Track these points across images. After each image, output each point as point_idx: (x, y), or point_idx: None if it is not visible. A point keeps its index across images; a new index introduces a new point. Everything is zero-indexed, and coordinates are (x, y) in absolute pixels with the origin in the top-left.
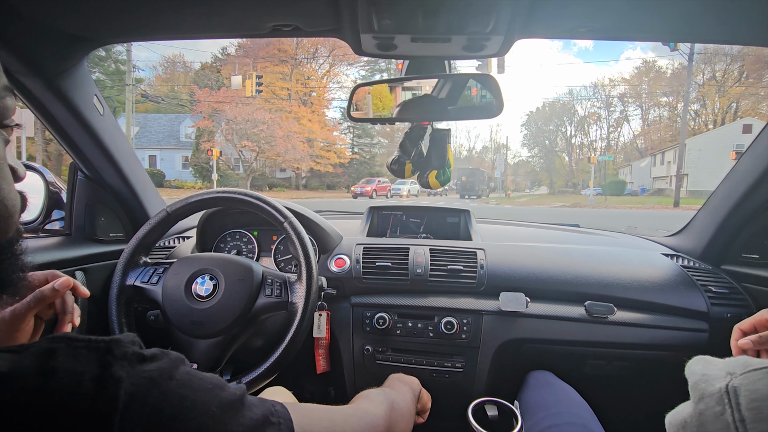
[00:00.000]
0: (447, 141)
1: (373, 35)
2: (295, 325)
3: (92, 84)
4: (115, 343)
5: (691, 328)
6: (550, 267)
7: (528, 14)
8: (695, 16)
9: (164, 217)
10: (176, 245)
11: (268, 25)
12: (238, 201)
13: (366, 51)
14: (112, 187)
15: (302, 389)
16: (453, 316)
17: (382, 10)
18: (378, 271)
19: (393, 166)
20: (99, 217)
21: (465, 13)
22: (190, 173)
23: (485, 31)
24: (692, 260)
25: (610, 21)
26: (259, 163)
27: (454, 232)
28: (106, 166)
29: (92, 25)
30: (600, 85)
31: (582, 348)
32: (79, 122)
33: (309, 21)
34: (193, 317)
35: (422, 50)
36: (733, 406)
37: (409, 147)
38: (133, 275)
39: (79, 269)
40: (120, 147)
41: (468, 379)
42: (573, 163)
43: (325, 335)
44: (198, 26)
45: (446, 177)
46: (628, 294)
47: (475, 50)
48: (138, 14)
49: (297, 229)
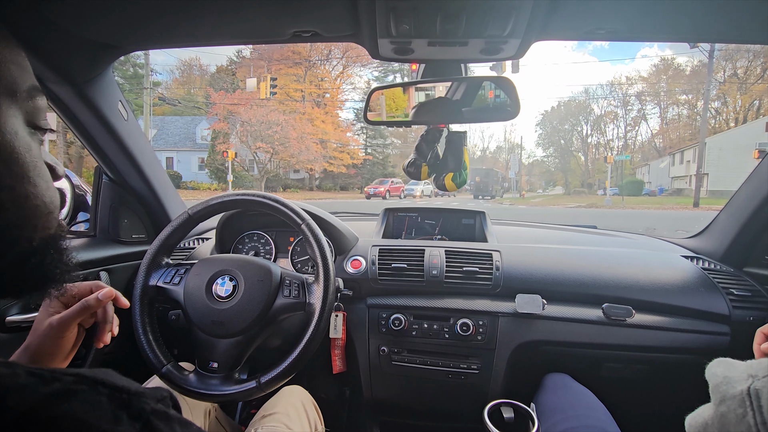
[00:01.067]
0: (463, 143)
1: (391, 40)
2: (312, 325)
3: (117, 90)
4: (137, 397)
5: (712, 332)
6: (567, 269)
7: (546, 16)
8: (716, 16)
9: (186, 219)
10: (196, 246)
11: (289, 31)
12: (257, 203)
13: (383, 55)
14: (135, 189)
15: (318, 389)
16: (469, 317)
17: (401, 15)
18: (394, 272)
19: (409, 169)
20: (122, 219)
21: (484, 17)
22: (206, 175)
23: (503, 35)
24: (713, 262)
25: (629, 22)
26: (273, 164)
27: (469, 234)
28: (129, 170)
29: (120, 33)
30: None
31: (599, 351)
32: (104, 127)
33: (328, 26)
34: (213, 317)
35: (439, 54)
36: (755, 408)
37: (425, 149)
38: (155, 276)
39: (104, 269)
40: (143, 151)
41: (484, 380)
42: (589, 162)
43: (341, 336)
44: (220, 33)
45: (462, 179)
46: (647, 296)
47: (492, 53)
48: (163, 22)
49: (314, 230)
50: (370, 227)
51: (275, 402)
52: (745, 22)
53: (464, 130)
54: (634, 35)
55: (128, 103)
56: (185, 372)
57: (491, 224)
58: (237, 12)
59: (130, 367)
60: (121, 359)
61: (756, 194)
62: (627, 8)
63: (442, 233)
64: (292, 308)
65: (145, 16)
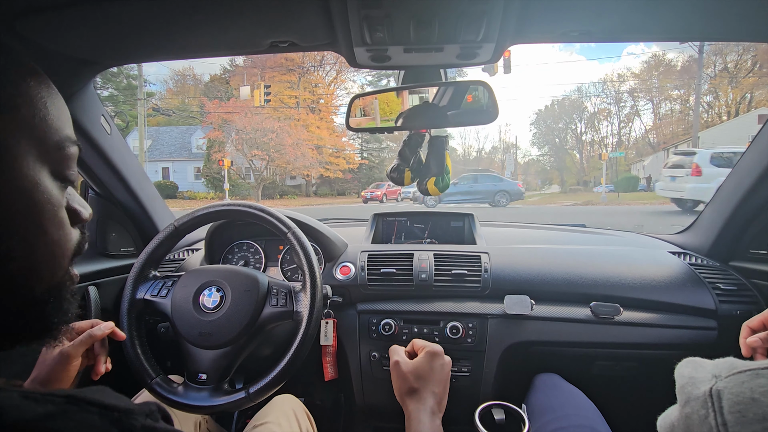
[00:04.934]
0: (445, 147)
1: (367, 48)
2: (300, 333)
3: (99, 105)
4: (126, 414)
5: (699, 327)
6: (555, 269)
7: (518, 20)
8: (690, 14)
9: (172, 231)
10: (186, 257)
11: (266, 42)
12: (243, 213)
13: (360, 63)
14: (121, 203)
15: (312, 396)
16: (458, 320)
17: (375, 24)
18: (383, 277)
19: (393, 174)
20: (110, 232)
21: (456, 23)
22: (203, 184)
23: (477, 40)
24: (700, 257)
25: (601, 23)
26: (269, 171)
27: (458, 236)
28: (115, 183)
29: (97, 49)
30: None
31: (589, 349)
32: (87, 142)
33: (304, 37)
34: (201, 328)
35: (416, 60)
36: (716, 409)
37: (408, 155)
38: (143, 289)
39: (92, 284)
40: (128, 164)
41: (475, 382)
42: (584, 160)
43: (332, 343)
44: (197, 46)
45: (445, 183)
46: (635, 293)
47: (469, 58)
48: (141, 37)
49: (300, 239)
50: (360, 233)
51: (267, 411)
52: (720, 20)
53: (446, 134)
54: (609, 36)
55: (122, 113)
56: (174, 384)
57: (480, 226)
58: (213, 25)
59: (120, 381)
60: (112, 373)
61: (738, 189)
62: (597, 10)
63: (431, 237)
64: (279, 317)
65: (121, 31)
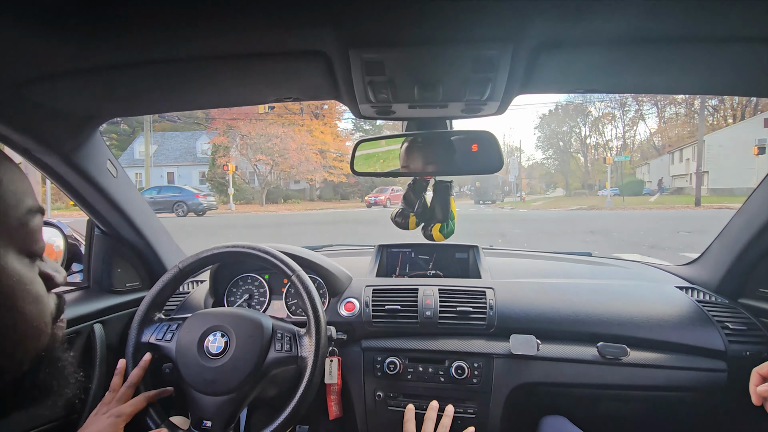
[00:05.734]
0: (449, 193)
1: (371, 105)
2: (305, 380)
3: (105, 150)
4: None
5: (708, 368)
6: (561, 306)
7: (524, 81)
8: (694, 72)
9: (176, 274)
10: (190, 291)
11: (271, 98)
12: (248, 255)
13: (365, 115)
14: (127, 240)
15: (317, 428)
16: (464, 359)
17: (378, 88)
18: (387, 314)
19: (397, 219)
20: (116, 268)
21: (461, 87)
22: (207, 188)
23: (482, 99)
24: (708, 293)
25: (604, 81)
26: (273, 175)
27: (463, 269)
28: (121, 223)
29: (103, 107)
30: None
31: (596, 390)
32: (93, 187)
33: (309, 94)
34: (205, 375)
35: (420, 114)
36: None
37: (413, 199)
38: (148, 332)
39: (98, 322)
40: (134, 204)
41: (480, 425)
42: (588, 163)
43: (336, 381)
44: (202, 102)
45: (450, 229)
46: (642, 333)
47: (473, 112)
48: (147, 95)
49: (305, 282)
50: (364, 263)
51: None
52: (708, 77)
53: (450, 180)
54: (612, 89)
55: (128, 120)
56: (179, 431)
57: (485, 257)
58: (218, 85)
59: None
60: None
61: (750, 225)
62: (601, 71)
63: (436, 268)
64: (284, 362)
65: (125, 92)
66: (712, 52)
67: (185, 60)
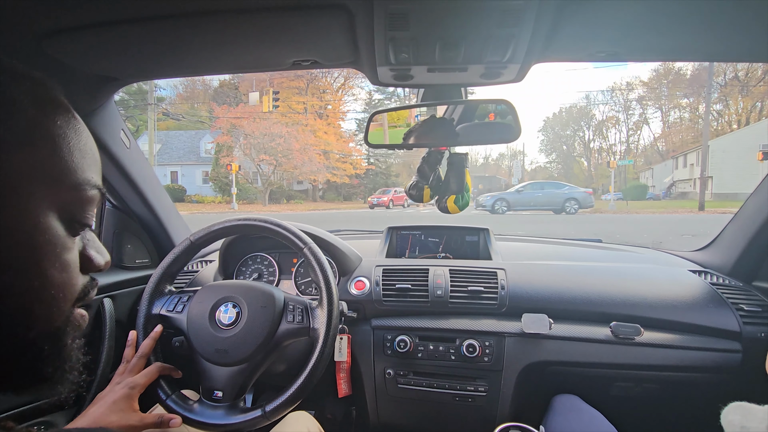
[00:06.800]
0: (465, 165)
1: (390, 67)
2: (317, 351)
3: (119, 119)
4: None
5: (723, 349)
6: (573, 286)
7: (546, 42)
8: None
9: (188, 246)
10: (200, 269)
11: (289, 60)
12: (259, 228)
13: (382, 81)
14: (138, 215)
15: (324, 410)
16: (475, 338)
17: (400, 45)
18: (398, 293)
19: (412, 192)
20: (126, 244)
21: (483, 45)
22: (210, 188)
23: (502, 60)
24: (722, 277)
25: (629, 45)
26: (276, 176)
27: (473, 251)
28: (132, 196)
29: (120, 67)
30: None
31: (608, 370)
32: (107, 156)
33: (327, 56)
34: (217, 345)
35: (438, 79)
36: None
37: (427, 172)
38: (158, 304)
39: (108, 296)
40: (145, 177)
41: (492, 403)
42: (592, 167)
43: (346, 359)
44: (219, 64)
45: (465, 202)
46: (655, 314)
47: (492, 77)
48: (164, 56)
49: (317, 254)
50: (374, 246)
51: (281, 429)
52: (740, 41)
53: (465, 151)
54: (636, 56)
55: (132, 117)
56: (190, 402)
57: (495, 241)
58: (236, 44)
59: None
60: None
61: (764, 207)
62: (627, 32)
63: (446, 251)
64: (296, 334)
65: (144, 50)
66: (752, 9)
67: (203, 14)
